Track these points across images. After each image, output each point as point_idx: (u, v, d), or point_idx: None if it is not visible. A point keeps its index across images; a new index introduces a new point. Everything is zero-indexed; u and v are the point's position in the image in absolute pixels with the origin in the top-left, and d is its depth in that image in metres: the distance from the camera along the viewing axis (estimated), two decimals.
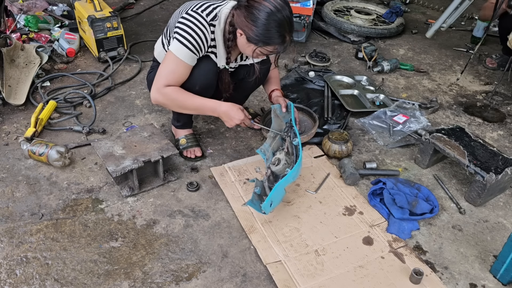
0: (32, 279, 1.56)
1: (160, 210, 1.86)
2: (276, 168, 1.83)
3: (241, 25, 1.72)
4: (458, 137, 2.08)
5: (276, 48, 1.76)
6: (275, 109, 2.02)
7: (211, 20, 1.79)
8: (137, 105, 2.54)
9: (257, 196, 1.80)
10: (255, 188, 1.82)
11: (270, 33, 1.69)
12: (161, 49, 2.04)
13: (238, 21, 1.73)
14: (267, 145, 2.01)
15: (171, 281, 1.58)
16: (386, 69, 3.03)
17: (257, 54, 1.79)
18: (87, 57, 3.01)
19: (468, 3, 3.18)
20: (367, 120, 2.45)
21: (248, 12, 1.68)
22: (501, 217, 1.93)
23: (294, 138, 1.90)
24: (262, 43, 1.72)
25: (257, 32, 1.69)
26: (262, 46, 1.73)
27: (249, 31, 1.70)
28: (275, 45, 1.74)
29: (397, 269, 1.65)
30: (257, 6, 1.67)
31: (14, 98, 2.43)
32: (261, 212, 1.73)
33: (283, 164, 1.82)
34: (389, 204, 1.87)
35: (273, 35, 1.70)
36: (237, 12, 1.73)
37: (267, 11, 1.65)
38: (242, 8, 1.71)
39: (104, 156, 1.88)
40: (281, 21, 1.68)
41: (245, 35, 1.73)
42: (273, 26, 1.67)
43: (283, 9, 1.68)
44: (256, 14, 1.67)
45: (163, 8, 3.94)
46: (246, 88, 2.20)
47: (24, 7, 3.15)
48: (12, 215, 1.81)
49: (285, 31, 1.71)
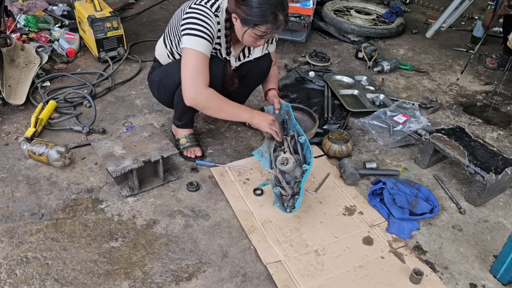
0: (32, 279, 1.56)
1: (160, 210, 1.86)
2: (286, 167, 1.83)
3: (234, 8, 1.74)
4: (458, 137, 2.08)
5: (269, 28, 1.74)
6: (268, 110, 2.05)
7: (215, 11, 1.80)
8: (137, 105, 2.54)
9: (277, 197, 1.81)
10: (274, 189, 1.82)
11: (262, 11, 1.69)
12: (162, 49, 2.03)
13: (232, 5, 1.74)
14: (266, 147, 2.01)
15: (171, 281, 1.58)
16: (386, 69, 3.03)
17: (251, 39, 1.78)
18: (87, 57, 3.01)
19: (468, 3, 3.18)
20: (367, 120, 2.45)
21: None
22: (501, 217, 1.93)
23: (300, 136, 1.92)
24: (255, 22, 1.71)
25: (249, 12, 1.70)
26: (255, 26, 1.73)
27: (241, 12, 1.71)
28: (267, 24, 1.73)
29: (397, 269, 1.65)
30: None
31: (14, 98, 2.43)
32: (286, 212, 1.76)
33: (293, 163, 1.83)
34: (389, 204, 1.87)
35: (266, 13, 1.69)
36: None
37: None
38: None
39: (104, 156, 1.88)
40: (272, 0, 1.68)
41: (238, 18, 1.74)
42: (264, 3, 1.68)
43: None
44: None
45: (163, 8, 3.94)
46: (248, 85, 2.21)
47: (24, 7, 3.14)
48: (12, 215, 1.81)
49: (277, 9, 1.70)
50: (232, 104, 1.89)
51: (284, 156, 1.85)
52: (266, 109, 2.06)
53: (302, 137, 1.91)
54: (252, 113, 1.91)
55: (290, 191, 1.82)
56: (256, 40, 1.80)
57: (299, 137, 1.92)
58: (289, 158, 1.84)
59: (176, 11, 1.95)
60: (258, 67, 2.12)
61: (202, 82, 1.78)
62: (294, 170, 1.85)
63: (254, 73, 2.12)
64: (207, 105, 1.85)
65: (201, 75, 1.78)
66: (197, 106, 1.86)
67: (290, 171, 1.84)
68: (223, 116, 1.96)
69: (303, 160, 1.92)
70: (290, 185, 1.85)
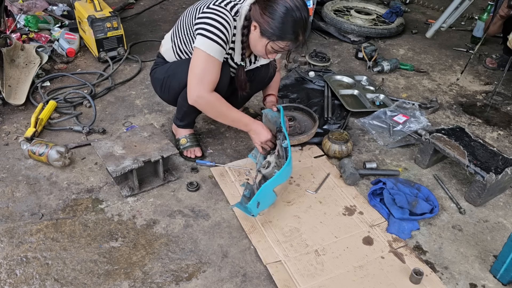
0: (32, 279, 1.56)
1: (160, 210, 1.86)
2: (266, 171, 1.82)
3: (257, 18, 1.73)
4: (458, 137, 2.08)
5: (289, 45, 1.76)
6: (266, 113, 2.05)
7: (234, 15, 1.79)
8: (137, 105, 2.54)
9: (246, 199, 1.80)
10: (245, 191, 1.83)
11: (285, 27, 1.70)
12: (169, 46, 2.01)
13: (255, 14, 1.74)
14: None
15: (171, 281, 1.58)
16: (386, 69, 3.03)
17: (268, 51, 1.79)
18: (87, 57, 3.01)
19: (468, 3, 3.18)
20: (367, 120, 2.45)
21: (267, 5, 1.70)
22: (501, 217, 1.93)
23: (283, 140, 1.89)
24: (276, 37, 1.72)
25: (273, 25, 1.70)
26: (275, 40, 1.74)
27: (264, 23, 1.71)
28: (288, 41, 1.74)
29: (397, 269, 1.65)
30: (276, 0, 1.69)
31: (14, 98, 2.43)
32: (250, 214, 1.74)
33: (273, 166, 1.82)
34: (389, 204, 1.87)
35: (288, 31, 1.71)
36: (255, 6, 1.74)
37: (287, 6, 1.68)
38: (261, 2, 1.72)
39: (104, 156, 1.88)
40: (298, 18, 1.70)
41: (259, 28, 1.74)
42: (289, 21, 1.69)
43: (302, 8, 1.70)
44: (275, 7, 1.69)
45: (163, 8, 3.94)
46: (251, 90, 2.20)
47: (24, 7, 3.14)
48: (12, 215, 1.81)
49: (300, 29, 1.72)
50: (233, 112, 1.90)
51: (268, 160, 1.84)
52: (264, 112, 2.06)
53: (285, 141, 1.88)
54: (250, 126, 1.93)
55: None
56: (269, 53, 1.81)
57: (283, 141, 1.90)
58: (271, 162, 1.83)
59: (188, 9, 1.92)
60: (263, 74, 2.11)
61: (207, 86, 1.79)
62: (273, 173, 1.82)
63: (258, 79, 2.10)
64: (207, 109, 1.87)
65: (208, 79, 1.78)
66: (198, 107, 1.87)
67: (270, 175, 1.82)
68: (222, 121, 1.97)
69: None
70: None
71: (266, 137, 1.94)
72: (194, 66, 1.79)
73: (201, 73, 1.77)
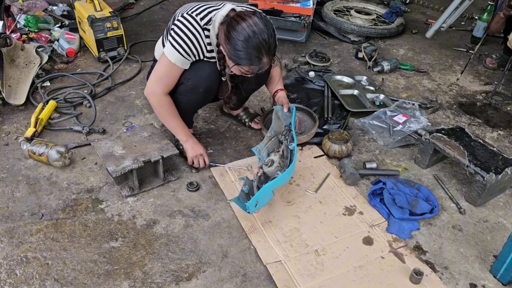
0: (32, 279, 1.56)
1: (160, 210, 1.86)
2: (269, 169, 1.82)
3: (222, 43, 1.77)
4: (458, 137, 2.08)
5: (252, 69, 1.77)
6: (277, 110, 2.02)
7: (205, 25, 1.80)
8: (137, 105, 2.54)
9: (244, 195, 1.80)
10: (243, 186, 1.82)
11: (246, 55, 1.71)
12: (161, 50, 2.03)
13: (220, 38, 1.77)
14: (263, 145, 2.00)
15: (171, 281, 1.58)
16: (386, 69, 3.03)
17: (236, 71, 1.83)
18: (87, 57, 3.01)
19: (468, 3, 3.18)
20: (367, 120, 2.45)
21: (228, 32, 1.71)
22: (501, 217, 1.93)
23: (290, 143, 1.89)
24: (239, 62, 1.75)
25: (234, 53, 1.72)
26: (239, 65, 1.76)
27: (227, 51, 1.75)
28: (251, 66, 1.75)
29: (397, 269, 1.65)
30: (236, 28, 1.69)
31: (14, 98, 2.43)
32: (246, 211, 1.73)
33: (276, 166, 1.82)
34: (389, 204, 1.87)
35: (250, 57, 1.72)
36: (221, 28, 1.75)
37: (245, 34, 1.68)
38: (225, 25, 1.73)
39: (104, 156, 1.88)
40: (257, 45, 1.69)
41: (224, 52, 1.78)
42: (250, 48, 1.69)
43: (261, 32, 1.69)
44: (234, 36, 1.69)
45: (163, 8, 3.94)
46: (247, 91, 2.20)
47: (24, 7, 3.14)
48: (12, 215, 1.81)
49: (261, 54, 1.72)
50: (176, 121, 1.99)
51: (271, 158, 1.83)
52: (275, 108, 2.04)
53: (292, 144, 1.88)
54: (187, 139, 2.02)
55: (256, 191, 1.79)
56: (240, 73, 1.84)
57: (290, 143, 1.90)
58: (274, 161, 1.82)
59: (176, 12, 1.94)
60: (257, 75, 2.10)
61: (162, 87, 1.90)
62: (275, 174, 1.82)
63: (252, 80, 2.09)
64: (155, 107, 1.97)
65: (164, 81, 1.90)
66: (149, 102, 1.97)
67: (272, 174, 1.82)
68: (165, 124, 2.06)
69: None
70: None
71: (197, 152, 2.03)
72: (157, 68, 1.91)
73: (160, 75, 1.89)
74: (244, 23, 1.68)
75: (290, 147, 1.88)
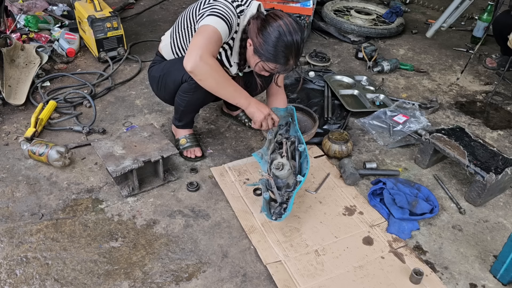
0: (32, 279, 1.56)
1: (160, 210, 1.86)
2: (280, 173, 1.78)
3: (252, 36, 1.76)
4: (458, 137, 2.08)
5: (277, 68, 1.78)
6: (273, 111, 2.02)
7: (239, 13, 1.81)
8: (137, 105, 2.54)
9: (266, 202, 1.77)
10: (264, 194, 1.76)
11: (276, 52, 1.72)
12: (168, 42, 2.02)
13: (251, 31, 1.77)
14: (265, 149, 1.95)
15: (171, 281, 1.58)
16: (386, 69, 3.03)
17: (258, 68, 1.83)
18: (87, 57, 3.01)
19: (468, 3, 3.18)
20: (367, 120, 2.45)
21: (262, 26, 1.73)
22: (501, 217, 1.93)
23: (299, 144, 1.90)
24: (266, 58, 1.75)
25: (264, 48, 1.73)
26: (265, 61, 1.76)
27: (257, 44, 1.75)
28: (278, 64, 1.77)
29: (397, 269, 1.65)
30: (271, 23, 1.71)
31: (14, 98, 2.43)
32: (272, 219, 1.73)
33: (288, 169, 1.78)
34: (389, 204, 1.87)
35: (279, 55, 1.73)
36: (253, 22, 1.77)
37: (280, 30, 1.70)
38: (259, 20, 1.75)
39: (104, 156, 1.88)
40: (289, 43, 1.71)
41: (253, 46, 1.77)
42: (281, 46, 1.71)
43: (295, 33, 1.71)
44: (269, 30, 1.71)
45: (163, 8, 3.94)
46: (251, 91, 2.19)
47: (24, 7, 3.15)
48: (12, 215, 1.81)
49: (290, 55, 1.74)
50: (232, 84, 1.78)
51: (280, 161, 1.82)
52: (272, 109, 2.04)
53: (302, 145, 1.89)
54: (250, 100, 1.83)
55: (280, 198, 1.78)
56: (260, 70, 1.84)
57: (299, 145, 1.90)
58: (285, 164, 1.80)
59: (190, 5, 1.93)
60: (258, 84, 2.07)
61: (210, 52, 1.67)
62: (288, 177, 1.80)
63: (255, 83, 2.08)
64: (206, 75, 1.70)
65: (212, 46, 1.68)
66: (197, 74, 1.69)
67: (284, 178, 1.80)
68: (219, 94, 1.80)
69: (299, 169, 1.89)
70: (281, 192, 1.80)
71: (265, 113, 1.85)
72: (198, 35, 1.69)
73: (205, 40, 1.67)
74: (281, 21, 1.71)
75: (300, 148, 1.89)
